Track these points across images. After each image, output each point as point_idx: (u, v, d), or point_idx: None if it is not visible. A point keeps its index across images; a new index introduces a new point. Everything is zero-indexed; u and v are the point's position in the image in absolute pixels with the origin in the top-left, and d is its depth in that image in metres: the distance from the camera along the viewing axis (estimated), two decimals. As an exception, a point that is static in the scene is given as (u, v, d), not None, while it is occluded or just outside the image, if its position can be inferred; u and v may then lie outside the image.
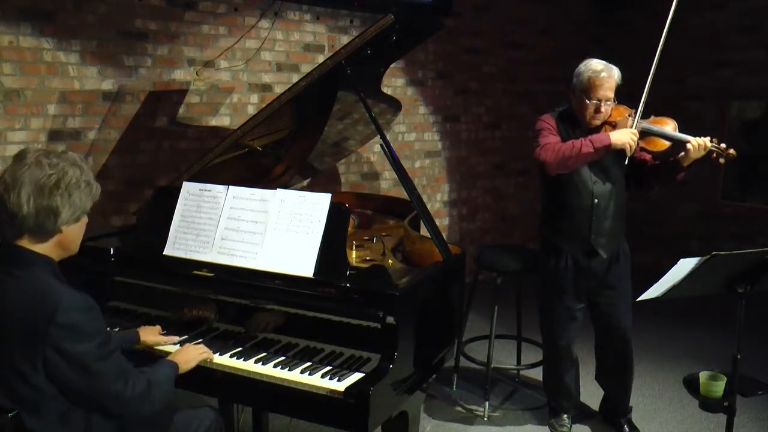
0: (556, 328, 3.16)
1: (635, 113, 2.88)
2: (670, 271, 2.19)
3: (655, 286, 2.27)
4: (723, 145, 2.79)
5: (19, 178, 1.72)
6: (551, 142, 2.90)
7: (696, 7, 5.78)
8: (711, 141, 2.78)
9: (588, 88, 2.87)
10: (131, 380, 1.79)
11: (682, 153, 2.82)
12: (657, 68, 2.84)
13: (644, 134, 2.86)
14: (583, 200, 2.96)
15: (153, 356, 2.21)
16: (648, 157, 3.01)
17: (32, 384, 1.70)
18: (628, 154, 2.77)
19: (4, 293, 1.73)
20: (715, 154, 2.79)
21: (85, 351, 1.69)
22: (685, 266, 2.17)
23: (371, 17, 4.73)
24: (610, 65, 2.90)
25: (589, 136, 2.83)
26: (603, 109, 2.88)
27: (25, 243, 1.76)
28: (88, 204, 1.83)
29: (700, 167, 2.91)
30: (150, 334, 2.28)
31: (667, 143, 2.84)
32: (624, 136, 2.77)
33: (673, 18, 2.82)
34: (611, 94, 2.88)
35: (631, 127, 2.83)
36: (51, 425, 1.75)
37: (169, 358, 2.07)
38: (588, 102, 2.88)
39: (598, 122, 2.92)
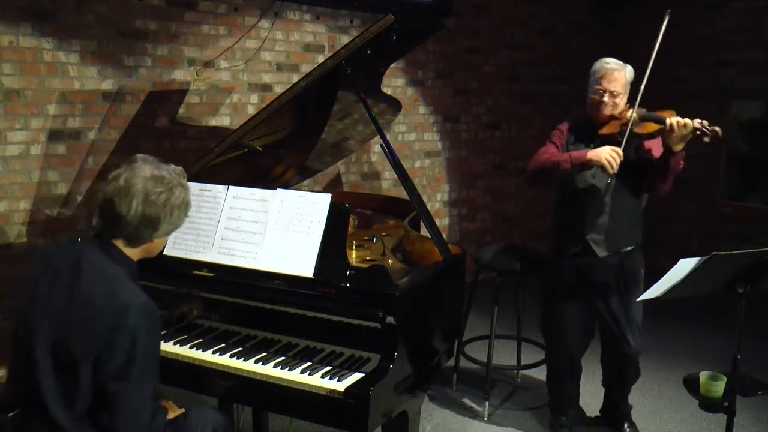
0: (554, 331, 3.14)
1: (636, 105, 2.87)
2: (670, 271, 2.19)
3: (655, 286, 2.26)
4: (711, 126, 2.72)
5: (133, 186, 1.81)
6: (540, 152, 2.98)
7: (696, 7, 5.79)
8: (700, 123, 2.73)
9: (597, 78, 2.94)
10: (156, 417, 1.81)
11: (666, 133, 2.77)
12: (653, 66, 2.84)
13: (642, 121, 2.85)
14: (583, 195, 2.95)
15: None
16: (651, 150, 2.96)
17: (78, 375, 1.72)
18: (609, 171, 2.76)
19: (91, 283, 1.77)
20: (698, 132, 2.74)
21: (134, 356, 1.71)
22: (685, 266, 2.17)
23: (371, 17, 4.74)
24: (623, 63, 2.95)
25: (570, 153, 2.88)
26: (606, 99, 2.90)
27: (119, 244, 1.86)
28: (182, 222, 1.95)
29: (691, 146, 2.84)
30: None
31: (657, 125, 2.82)
32: (603, 152, 2.77)
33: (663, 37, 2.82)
34: (619, 89, 2.91)
35: (630, 115, 2.83)
36: (76, 421, 1.76)
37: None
38: (595, 90, 2.93)
39: (605, 112, 2.92)
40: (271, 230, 2.36)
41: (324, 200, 2.32)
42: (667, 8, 2.79)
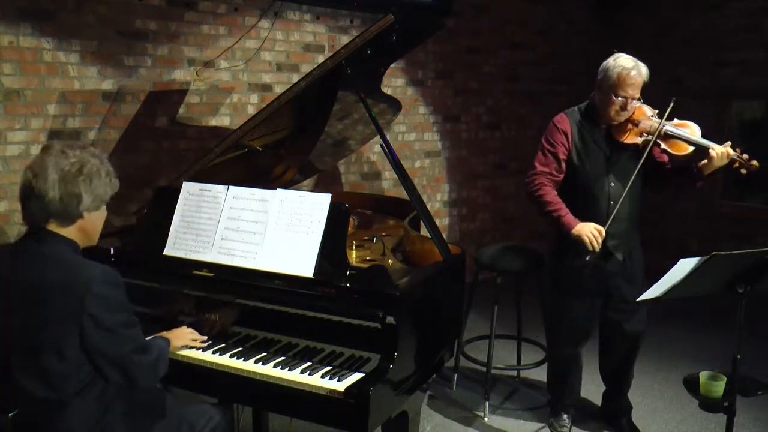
0: (567, 330, 3.12)
1: (658, 115, 2.86)
2: (670, 271, 2.19)
3: (655, 286, 2.26)
4: (745, 156, 2.76)
5: (46, 165, 1.87)
6: (545, 172, 2.94)
7: (696, 7, 5.79)
8: (734, 150, 2.75)
9: (616, 84, 2.82)
10: (148, 351, 1.94)
11: (705, 161, 2.78)
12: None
13: (668, 137, 2.83)
14: (599, 203, 2.92)
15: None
16: (665, 158, 2.97)
17: (66, 357, 1.79)
18: (589, 248, 2.78)
19: (40, 271, 1.83)
20: (737, 164, 2.75)
21: (116, 320, 1.84)
22: (685, 266, 2.17)
23: (371, 17, 4.73)
24: (639, 63, 2.85)
25: (564, 214, 2.86)
26: (629, 107, 2.84)
27: (52, 227, 1.89)
28: (107, 193, 1.97)
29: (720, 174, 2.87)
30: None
31: (690, 148, 2.80)
32: (585, 229, 2.79)
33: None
34: (638, 93, 2.85)
35: (655, 127, 2.81)
36: (69, 398, 1.82)
37: (162, 335, 2.19)
38: (615, 99, 2.83)
39: (621, 119, 2.89)
40: (271, 230, 2.36)
41: (324, 200, 2.32)
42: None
